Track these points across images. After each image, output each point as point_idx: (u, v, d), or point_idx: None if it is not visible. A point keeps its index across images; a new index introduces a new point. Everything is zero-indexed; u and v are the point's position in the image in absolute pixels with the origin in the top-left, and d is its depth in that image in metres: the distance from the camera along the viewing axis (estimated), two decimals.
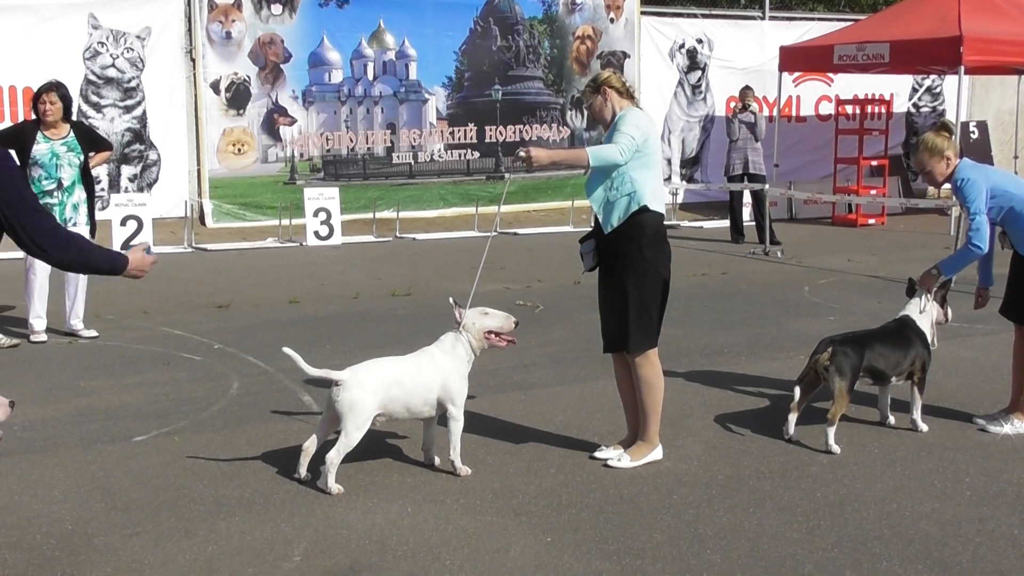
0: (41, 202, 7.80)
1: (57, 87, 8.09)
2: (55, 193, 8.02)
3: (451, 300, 5.57)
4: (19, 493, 5.08)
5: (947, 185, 6.26)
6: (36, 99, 8.08)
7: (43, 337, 8.14)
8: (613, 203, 5.37)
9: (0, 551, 4.40)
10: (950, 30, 14.11)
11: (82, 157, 8.16)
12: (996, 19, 14.53)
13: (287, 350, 5.27)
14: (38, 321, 8.16)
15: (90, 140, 8.44)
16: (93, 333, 8.29)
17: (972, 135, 17.23)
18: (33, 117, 8.17)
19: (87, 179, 8.25)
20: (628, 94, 5.52)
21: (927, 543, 4.58)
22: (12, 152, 7.66)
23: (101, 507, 4.93)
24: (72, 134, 8.14)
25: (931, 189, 18.74)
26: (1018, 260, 6.17)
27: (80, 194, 8.20)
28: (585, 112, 16.89)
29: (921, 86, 19.29)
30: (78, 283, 8.14)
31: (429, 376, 5.28)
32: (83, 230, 7.91)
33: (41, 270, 7.98)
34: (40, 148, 7.93)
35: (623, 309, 5.39)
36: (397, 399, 5.20)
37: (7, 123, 13.60)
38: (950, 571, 4.31)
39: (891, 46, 14.78)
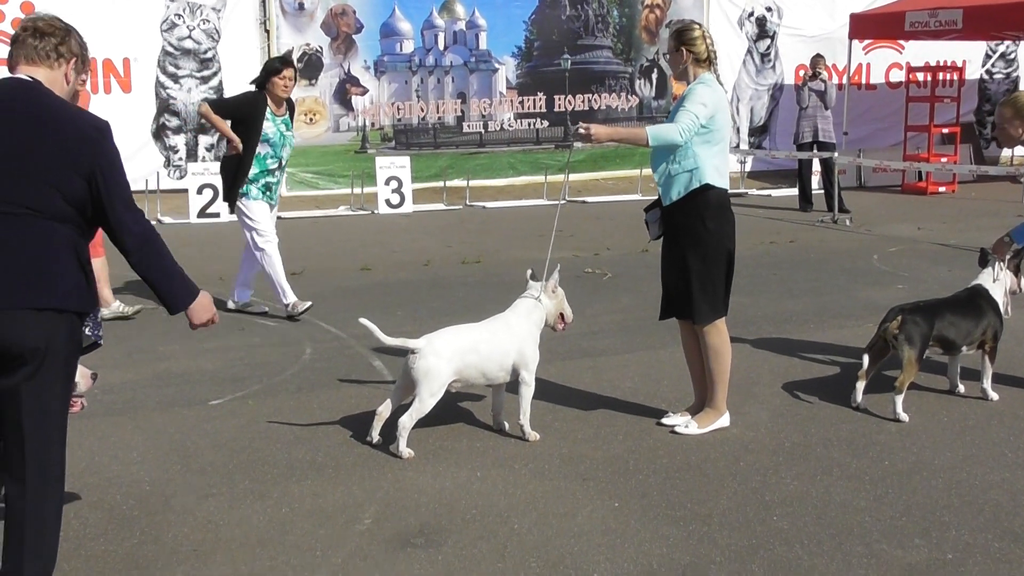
0: (263, 181, 7.77)
1: (294, 63, 7.96)
2: (275, 172, 7.95)
3: (529, 272, 5.60)
4: (99, 454, 5.19)
5: (1020, 150, 6.13)
6: (272, 74, 7.71)
7: (303, 306, 7.93)
8: (674, 176, 5.33)
9: (82, 510, 4.50)
10: None
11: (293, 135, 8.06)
12: None
13: (364, 320, 5.31)
14: (291, 295, 7.94)
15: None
16: (264, 308, 8.19)
17: None
18: (253, 89, 7.86)
19: None
20: (708, 61, 5.43)
21: (997, 513, 4.51)
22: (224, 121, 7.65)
23: (178, 469, 5.02)
24: (287, 112, 7.98)
25: (1003, 155, 18.44)
26: None
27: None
28: (653, 80, 16.78)
29: (995, 52, 18.90)
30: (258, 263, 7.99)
31: (505, 342, 5.30)
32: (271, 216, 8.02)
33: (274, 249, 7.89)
34: (269, 127, 7.71)
35: (687, 280, 5.36)
36: (473, 365, 5.22)
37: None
38: (1021, 541, 4.23)
39: (964, 12, 14.45)
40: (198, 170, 13.54)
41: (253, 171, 7.70)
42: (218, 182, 13.11)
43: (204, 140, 14.65)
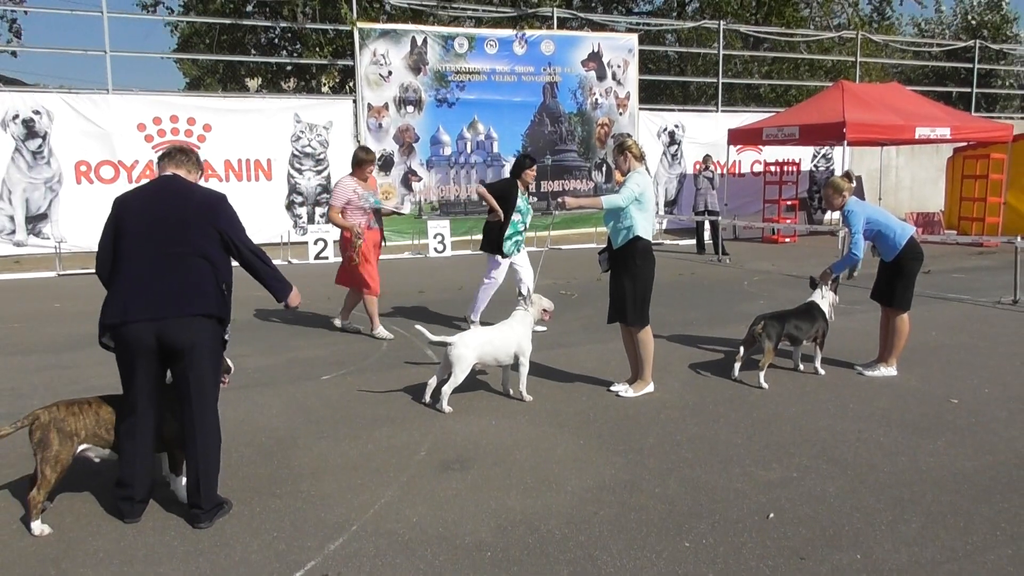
0: (515, 238, 7.39)
1: (536, 162, 7.54)
2: (522, 232, 7.48)
3: (520, 291, 5.61)
4: (251, 412, 5.20)
5: (838, 214, 6.14)
6: (523, 168, 7.27)
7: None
8: (619, 230, 5.34)
9: (239, 447, 4.50)
10: (838, 117, 13.80)
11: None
12: (867, 111, 14.21)
13: (418, 326, 5.35)
14: (478, 317, 7.47)
15: None
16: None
17: (852, 184, 16.89)
18: (509, 177, 7.43)
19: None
20: (640, 157, 5.46)
21: (824, 446, 4.49)
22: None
23: (301, 421, 5.02)
24: (527, 193, 7.49)
25: (826, 218, 18.46)
26: (883, 264, 6.04)
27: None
28: (604, 170, 16.80)
29: (819, 153, 18.91)
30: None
31: (510, 338, 5.31)
32: (524, 254, 7.51)
33: (498, 277, 7.41)
34: (520, 202, 7.30)
35: (624, 298, 5.37)
36: (489, 354, 5.24)
37: (233, 183, 13.94)
38: (838, 464, 4.22)
39: (800, 128, 14.49)
40: (315, 230, 13.55)
41: (508, 231, 7.38)
42: (327, 237, 13.27)
43: (319, 211, 14.67)
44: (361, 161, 7.35)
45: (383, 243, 7.76)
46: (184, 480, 3.74)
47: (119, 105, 13.26)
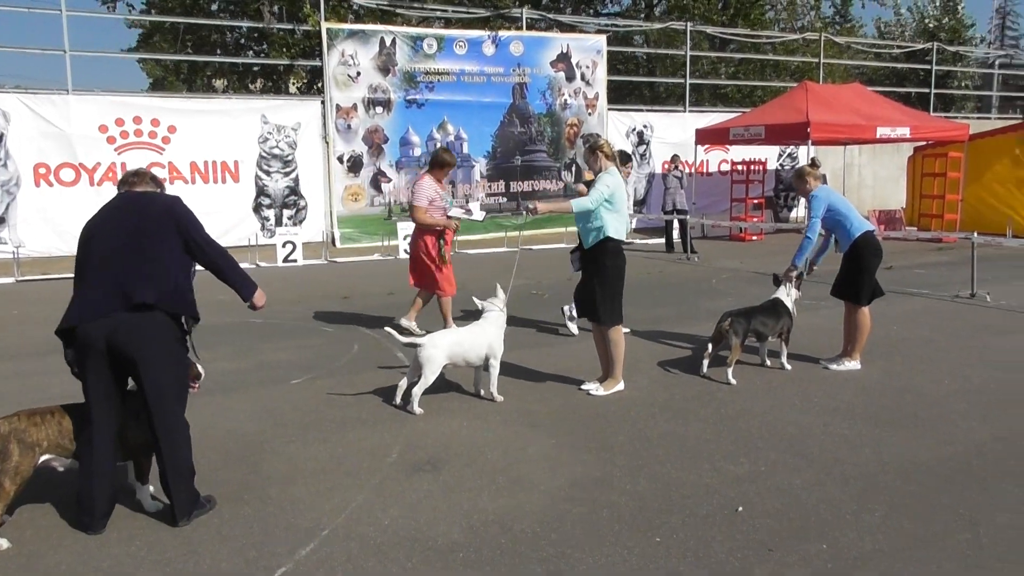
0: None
1: (629, 158, 7.22)
2: None
3: (498, 290, 5.58)
4: (219, 417, 5.13)
5: (803, 211, 6.28)
6: (622, 163, 7.10)
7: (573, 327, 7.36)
8: (590, 231, 5.36)
9: (207, 453, 4.44)
10: (802, 118, 14.05)
11: None
12: (831, 111, 14.49)
13: (387, 328, 5.31)
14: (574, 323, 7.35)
15: None
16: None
17: (818, 171, 17.18)
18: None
19: None
20: (611, 157, 5.48)
21: (791, 440, 4.56)
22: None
23: (271, 425, 4.97)
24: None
25: (792, 216, 18.75)
26: (844, 260, 6.16)
27: None
28: (573, 171, 16.87)
29: (785, 152, 19.19)
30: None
31: (481, 338, 5.29)
32: None
33: None
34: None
35: (595, 297, 5.39)
36: (458, 354, 5.22)
37: (200, 186, 13.78)
38: (805, 457, 4.29)
39: (765, 128, 14.70)
40: (283, 232, 13.42)
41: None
42: (296, 239, 13.14)
43: (287, 212, 14.53)
44: (444, 163, 7.10)
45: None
46: (151, 488, 3.68)
47: (80, 106, 13.00)
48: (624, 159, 7.39)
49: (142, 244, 3.48)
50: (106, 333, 3.37)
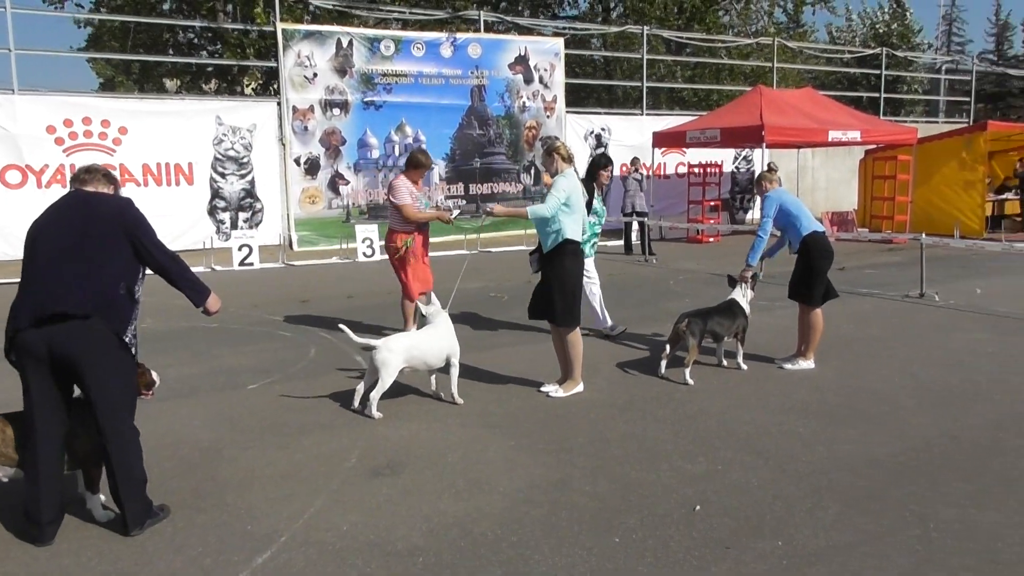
0: (593, 241, 7.12)
1: (612, 163, 7.31)
2: (599, 234, 7.38)
3: (432, 297, 5.58)
4: (173, 424, 5.03)
5: (758, 212, 6.42)
6: (599, 168, 7.13)
7: (619, 329, 7.33)
8: (548, 234, 5.39)
9: (161, 461, 4.34)
10: (756, 121, 14.29)
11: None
12: (784, 115, 14.79)
13: (342, 326, 5.27)
14: (609, 320, 7.36)
15: None
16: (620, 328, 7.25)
17: (775, 173, 17.52)
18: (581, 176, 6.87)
19: None
20: (568, 159, 5.49)
21: (748, 438, 4.63)
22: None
23: (226, 431, 4.88)
24: (599, 199, 7.26)
25: (747, 218, 19.08)
26: (796, 263, 6.27)
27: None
28: (532, 174, 16.93)
29: (740, 155, 19.51)
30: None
31: (439, 341, 5.27)
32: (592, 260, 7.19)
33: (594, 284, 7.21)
34: (595, 204, 7.12)
35: (553, 299, 5.40)
36: (416, 357, 5.19)
37: (152, 188, 13.49)
38: (761, 455, 4.36)
39: (721, 131, 14.93)
40: (239, 235, 13.21)
41: (586, 235, 6.80)
42: (252, 242, 12.94)
43: (242, 215, 14.30)
44: (419, 163, 6.98)
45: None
46: (102, 497, 3.59)
47: (26, 106, 12.63)
48: (604, 163, 7.31)
49: (84, 248, 3.38)
50: (47, 339, 3.28)
